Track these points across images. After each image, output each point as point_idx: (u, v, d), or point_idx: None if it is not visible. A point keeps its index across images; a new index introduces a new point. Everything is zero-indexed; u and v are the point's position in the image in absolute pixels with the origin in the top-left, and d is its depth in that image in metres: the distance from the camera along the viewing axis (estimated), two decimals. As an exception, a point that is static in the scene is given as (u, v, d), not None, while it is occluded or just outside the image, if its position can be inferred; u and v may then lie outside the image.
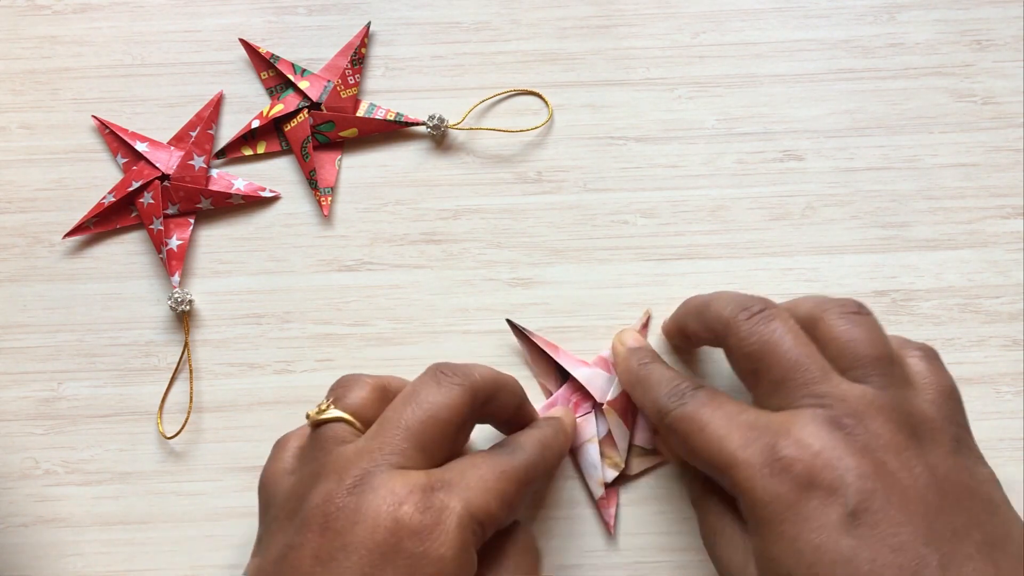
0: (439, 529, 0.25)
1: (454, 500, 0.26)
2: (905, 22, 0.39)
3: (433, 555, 0.25)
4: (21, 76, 0.40)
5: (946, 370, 0.30)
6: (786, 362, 0.28)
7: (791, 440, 0.26)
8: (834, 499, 0.25)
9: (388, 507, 0.25)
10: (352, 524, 0.25)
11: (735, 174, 0.38)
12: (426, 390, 0.28)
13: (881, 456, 0.26)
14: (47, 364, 0.37)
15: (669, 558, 0.35)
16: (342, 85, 0.39)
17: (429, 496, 0.26)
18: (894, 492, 0.26)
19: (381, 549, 0.25)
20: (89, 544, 0.36)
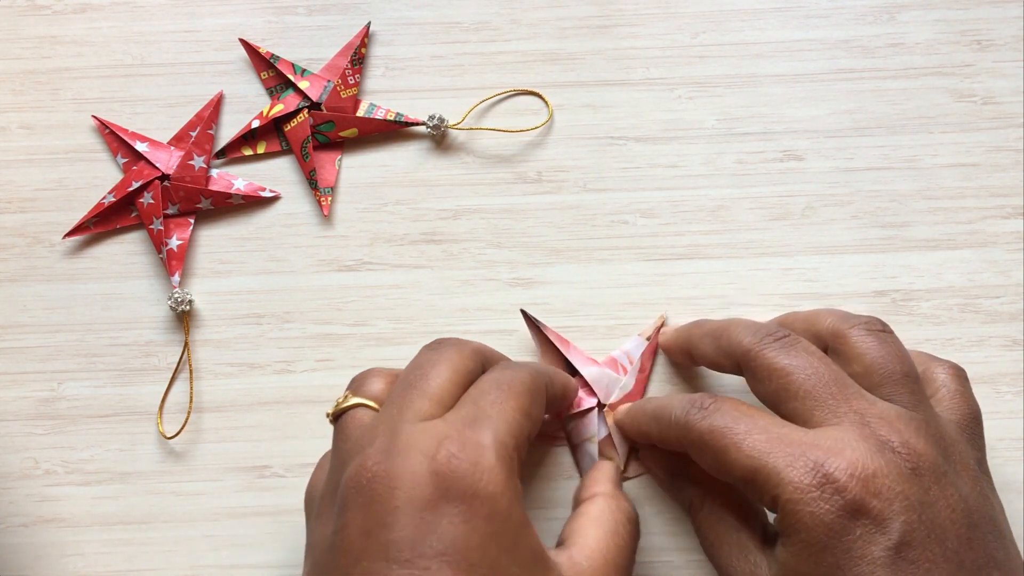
0: (480, 467, 0.24)
1: (483, 434, 0.25)
2: (905, 22, 0.39)
3: (483, 494, 0.24)
4: (21, 76, 0.40)
5: (972, 393, 0.30)
6: (817, 378, 0.28)
7: (844, 460, 0.26)
8: (880, 531, 0.25)
9: (422, 463, 0.24)
10: (391, 490, 0.24)
11: (735, 174, 0.38)
12: (425, 355, 0.29)
13: (927, 482, 0.26)
14: (47, 364, 0.37)
15: (669, 558, 0.35)
16: (342, 85, 0.39)
17: (458, 439, 0.25)
18: (935, 525, 0.25)
19: (429, 505, 0.24)
20: (89, 544, 0.36)
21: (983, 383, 0.36)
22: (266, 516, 0.36)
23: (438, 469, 0.24)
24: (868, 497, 0.25)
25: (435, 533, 0.23)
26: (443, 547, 0.23)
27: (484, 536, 0.24)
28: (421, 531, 0.23)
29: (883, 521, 0.25)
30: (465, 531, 0.23)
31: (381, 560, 0.23)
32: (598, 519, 0.29)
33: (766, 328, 0.30)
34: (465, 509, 0.24)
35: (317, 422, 0.37)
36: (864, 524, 0.25)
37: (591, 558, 0.27)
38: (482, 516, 0.24)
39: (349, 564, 0.24)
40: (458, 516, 0.24)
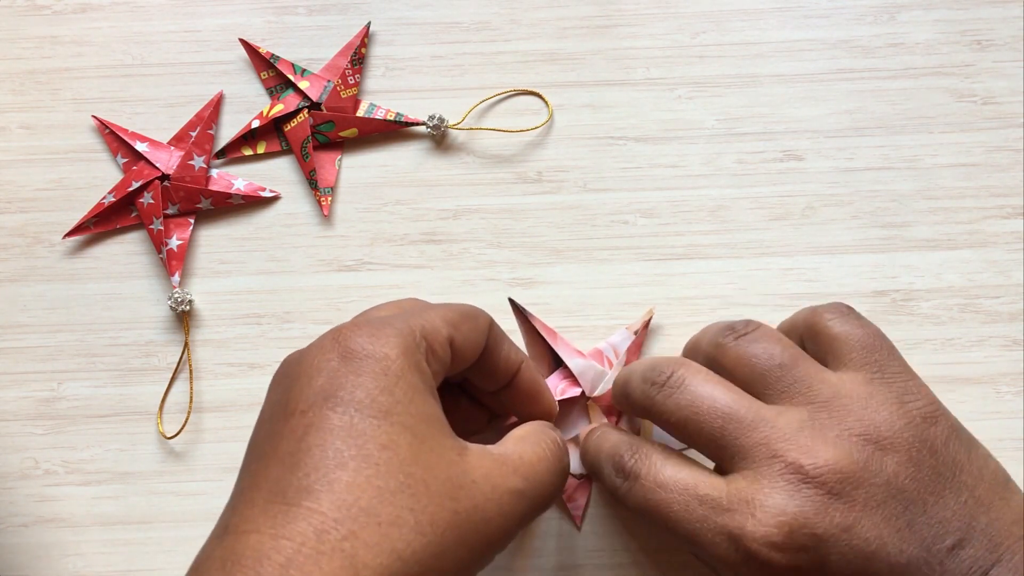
0: (377, 337, 0.26)
1: (395, 320, 0.27)
2: (905, 22, 0.39)
3: (376, 355, 0.25)
4: (21, 76, 0.40)
5: (860, 320, 0.30)
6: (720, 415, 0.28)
7: (757, 523, 0.26)
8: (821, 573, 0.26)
9: (329, 337, 0.26)
10: (298, 363, 0.26)
11: (735, 174, 0.38)
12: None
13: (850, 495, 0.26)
14: (47, 364, 0.37)
15: (669, 558, 0.35)
16: (342, 85, 0.39)
17: (367, 322, 0.27)
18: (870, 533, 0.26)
19: (326, 367, 0.25)
20: (89, 544, 0.36)
21: (983, 383, 0.36)
22: (266, 516, 0.36)
23: (340, 338, 0.26)
24: (794, 556, 0.25)
25: (327, 387, 0.25)
26: (329, 392, 0.25)
27: (374, 387, 0.25)
28: (314, 388, 0.25)
29: (819, 566, 0.25)
30: (353, 381, 0.25)
31: (280, 419, 0.25)
32: (520, 433, 0.29)
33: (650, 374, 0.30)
34: (357, 366, 0.25)
35: (317, 422, 0.37)
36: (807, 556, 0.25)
37: (504, 452, 0.27)
38: (372, 372, 0.25)
39: (258, 433, 0.26)
40: (350, 371, 0.25)
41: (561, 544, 0.35)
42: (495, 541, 0.25)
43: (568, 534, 0.36)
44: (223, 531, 0.24)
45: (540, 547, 0.35)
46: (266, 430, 0.26)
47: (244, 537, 0.23)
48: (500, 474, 0.26)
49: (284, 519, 0.23)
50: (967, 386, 0.36)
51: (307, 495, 0.23)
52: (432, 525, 0.23)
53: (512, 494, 0.26)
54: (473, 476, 0.25)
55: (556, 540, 0.36)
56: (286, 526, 0.22)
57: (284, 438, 0.24)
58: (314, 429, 0.24)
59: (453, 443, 0.26)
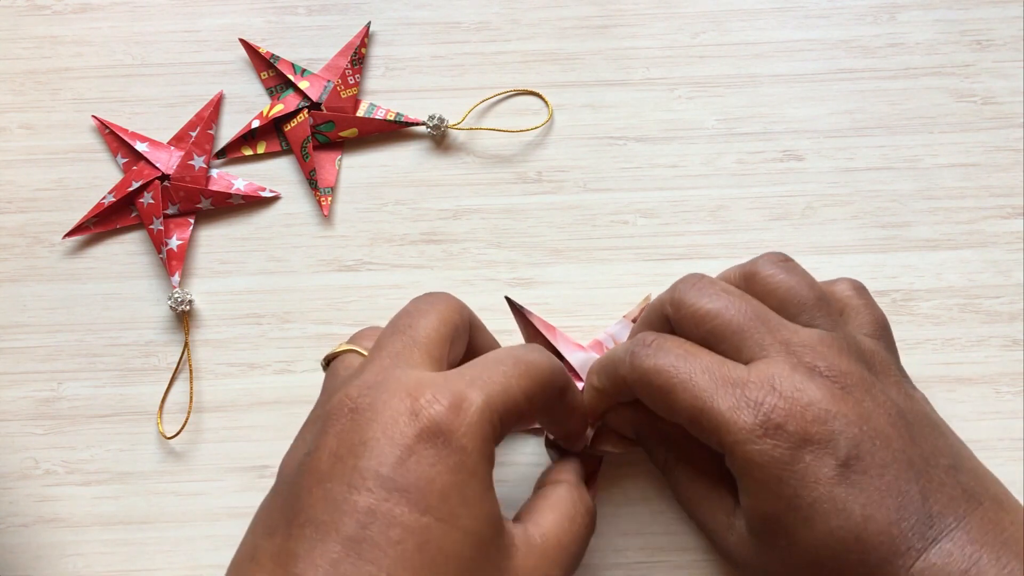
0: (459, 420, 0.24)
1: (475, 393, 0.25)
2: (905, 22, 0.39)
3: (456, 446, 0.24)
4: (21, 76, 0.40)
5: (875, 302, 0.32)
6: (741, 316, 0.29)
7: (778, 396, 0.27)
8: (827, 452, 0.26)
9: (406, 399, 0.24)
10: (370, 421, 0.24)
11: (735, 174, 0.38)
12: (415, 305, 0.29)
13: (859, 396, 0.27)
14: (47, 364, 0.37)
15: (669, 558, 0.35)
16: (342, 85, 0.39)
17: (447, 389, 0.25)
18: (877, 434, 0.26)
19: (401, 441, 0.24)
20: (89, 544, 0.36)
21: (983, 383, 0.36)
22: (266, 516, 0.36)
23: (419, 410, 0.24)
24: (808, 425, 0.26)
25: (401, 469, 0.24)
26: (405, 484, 0.24)
27: (447, 484, 0.24)
28: (388, 464, 0.24)
29: (827, 443, 0.26)
30: (430, 474, 0.24)
31: (344, 484, 0.24)
32: (557, 505, 0.29)
33: (681, 278, 0.31)
34: (435, 454, 0.24)
35: (317, 422, 0.37)
36: (811, 450, 0.26)
37: (545, 536, 0.27)
38: (449, 465, 0.24)
39: (312, 484, 0.24)
40: (427, 459, 0.24)
41: (561, 544, 0.35)
42: None
43: (568, 534, 0.36)
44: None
45: (540, 547, 0.35)
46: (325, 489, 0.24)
47: None
48: (544, 567, 0.26)
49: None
50: (967, 386, 0.36)
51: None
52: None
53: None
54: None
55: (556, 540, 0.36)
56: None
57: (347, 514, 0.23)
58: (380, 518, 0.23)
59: (506, 545, 0.25)
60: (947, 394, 0.36)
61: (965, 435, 0.36)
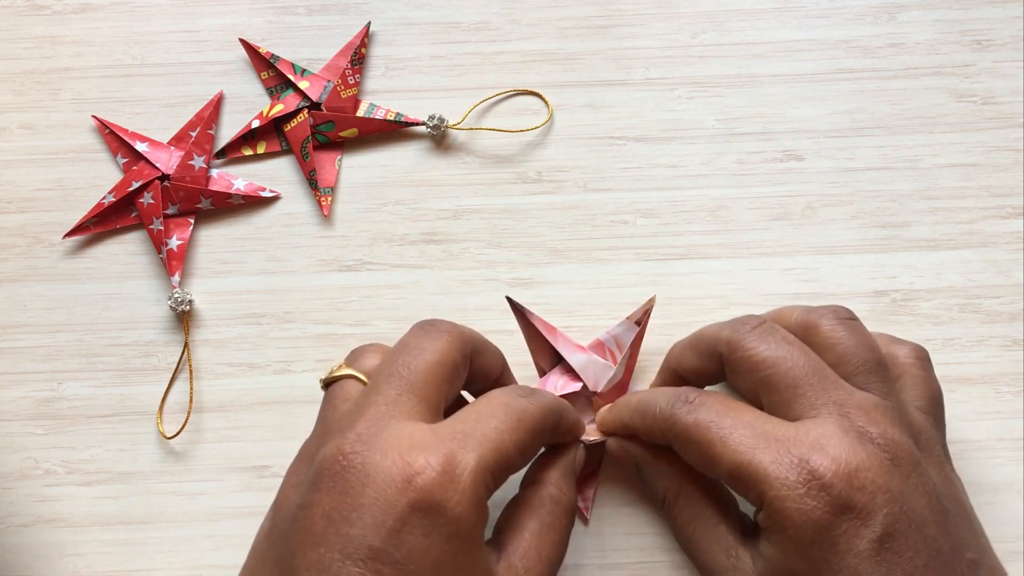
0: (453, 487, 0.24)
1: (468, 455, 0.25)
2: (905, 22, 0.39)
3: (450, 514, 0.24)
4: (21, 76, 0.40)
5: (935, 375, 0.31)
6: (798, 370, 0.28)
7: (827, 456, 0.26)
8: (865, 524, 0.25)
9: (398, 466, 0.24)
10: (363, 485, 0.24)
11: (735, 174, 0.38)
12: (415, 340, 0.28)
13: (906, 472, 0.26)
14: (47, 364, 0.37)
15: (669, 558, 0.35)
16: (342, 85, 0.39)
17: (441, 451, 0.25)
18: (915, 515, 0.26)
19: (395, 510, 0.24)
20: (89, 544, 0.36)
21: (983, 383, 0.36)
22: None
23: (412, 478, 0.24)
24: (853, 492, 0.25)
25: (395, 540, 0.24)
26: (400, 556, 0.24)
27: (442, 553, 0.24)
28: (382, 535, 0.24)
29: (868, 515, 0.25)
30: (425, 545, 0.24)
31: (337, 551, 0.24)
32: (537, 510, 0.29)
33: (742, 319, 0.30)
34: (429, 523, 0.24)
35: (317, 422, 0.37)
36: (850, 519, 0.25)
37: (525, 558, 0.27)
38: (444, 535, 0.24)
39: (306, 545, 0.24)
40: (421, 529, 0.24)
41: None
42: None
43: (568, 534, 0.36)
44: None
45: (540, 547, 0.35)
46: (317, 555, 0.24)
47: None
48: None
49: None
50: (967, 386, 0.36)
51: None
52: None
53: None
54: None
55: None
56: None
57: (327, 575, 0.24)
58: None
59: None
60: (947, 394, 0.36)
61: (965, 435, 0.36)
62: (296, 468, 0.28)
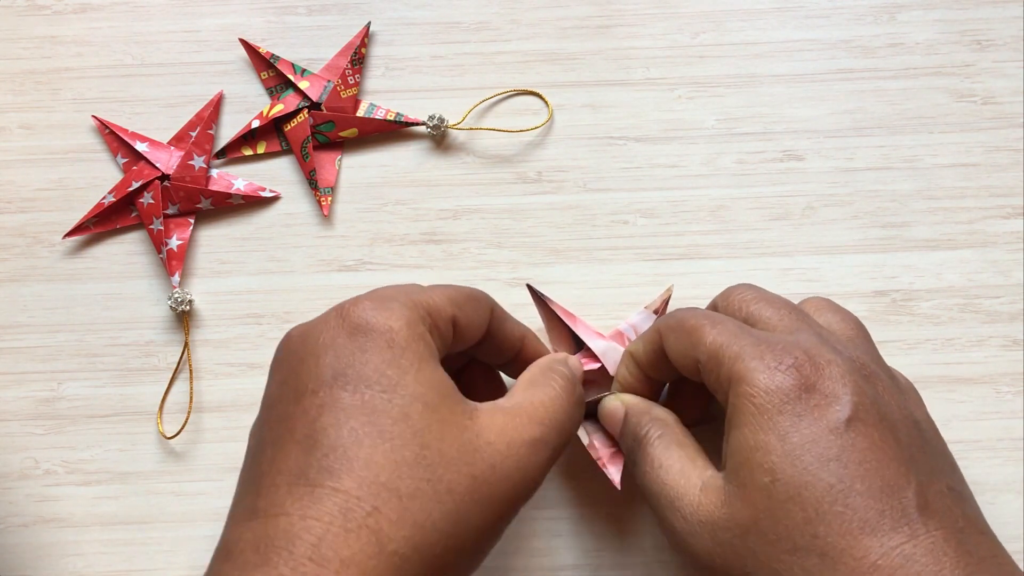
0: (383, 313, 0.26)
1: (399, 294, 0.27)
2: (905, 22, 0.39)
3: (381, 327, 0.26)
4: (21, 76, 0.40)
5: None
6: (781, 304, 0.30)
7: (800, 350, 0.27)
8: (832, 404, 0.26)
9: (333, 314, 0.27)
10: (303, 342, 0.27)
11: (735, 174, 0.38)
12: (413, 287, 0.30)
13: (878, 387, 0.27)
14: (47, 364, 0.37)
15: (671, 558, 0.35)
16: (342, 85, 0.39)
17: (372, 297, 0.27)
18: (885, 416, 0.26)
19: (331, 344, 0.26)
20: (89, 544, 0.36)
21: (983, 383, 0.36)
22: (266, 516, 0.36)
23: (344, 314, 0.26)
24: (823, 378, 0.26)
25: (337, 364, 0.25)
26: (342, 372, 0.25)
27: (380, 361, 0.25)
28: (322, 367, 0.26)
29: (835, 397, 0.26)
30: (363, 358, 0.25)
31: (291, 401, 0.26)
32: (531, 380, 0.30)
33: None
34: (364, 342, 0.26)
35: (317, 422, 0.36)
36: (817, 397, 0.26)
37: (516, 402, 0.28)
38: (379, 345, 0.26)
39: (268, 415, 0.26)
40: (357, 347, 0.26)
41: (561, 544, 0.35)
42: (519, 496, 0.26)
43: (568, 534, 0.36)
44: (250, 514, 0.24)
45: (540, 547, 0.35)
46: (278, 412, 0.26)
47: (274, 520, 0.23)
48: (514, 427, 0.27)
49: (310, 500, 0.23)
50: (967, 386, 0.36)
51: (329, 475, 0.24)
52: (450, 493, 0.24)
53: (529, 445, 0.27)
54: (487, 437, 0.26)
55: (556, 540, 0.36)
56: (312, 507, 0.23)
57: (298, 420, 0.25)
58: (327, 409, 0.25)
59: (464, 407, 0.26)
60: (947, 394, 0.36)
61: (965, 435, 0.36)
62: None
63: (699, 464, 0.29)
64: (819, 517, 0.25)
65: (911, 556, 0.24)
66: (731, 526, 0.26)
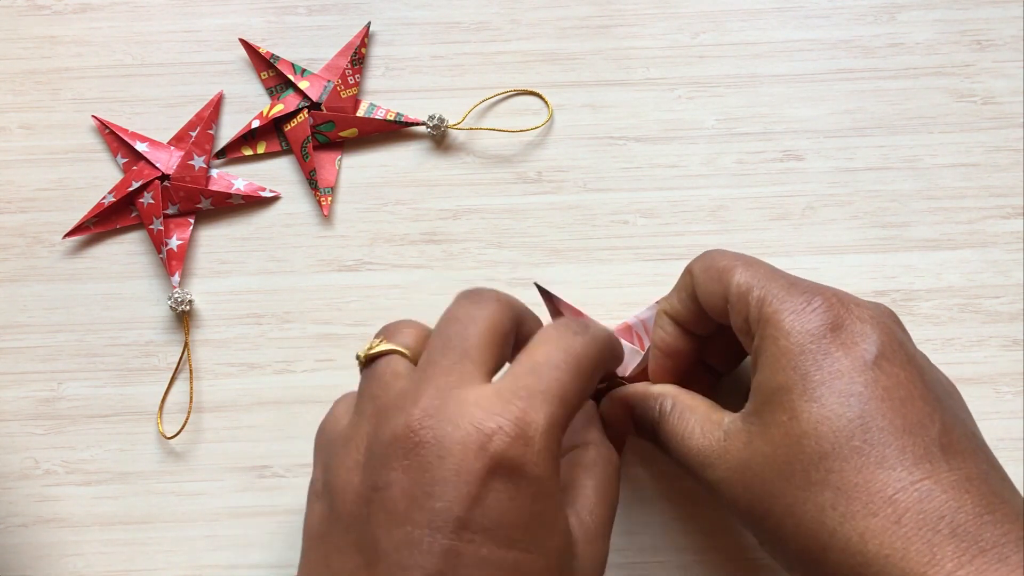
0: (531, 450, 0.24)
1: (537, 414, 0.25)
2: (905, 22, 0.39)
3: (531, 476, 0.24)
4: (21, 76, 0.40)
5: None
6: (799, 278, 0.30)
7: (831, 291, 0.27)
8: (860, 342, 0.26)
9: (472, 436, 0.24)
10: (439, 458, 0.24)
11: (735, 174, 0.38)
12: (464, 310, 0.28)
13: (902, 329, 0.28)
14: (47, 364, 0.37)
15: (669, 558, 0.35)
16: (342, 85, 0.39)
17: (511, 413, 0.24)
18: (912, 359, 0.26)
19: (476, 478, 0.23)
20: (89, 544, 0.36)
21: (983, 383, 0.36)
22: (266, 516, 0.36)
23: (488, 445, 0.24)
24: (850, 317, 0.27)
25: (480, 508, 0.23)
26: (488, 523, 0.23)
27: (526, 516, 0.24)
28: (467, 505, 0.23)
29: (864, 336, 0.26)
30: (510, 508, 0.24)
31: (425, 528, 0.23)
32: (591, 469, 0.29)
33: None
34: (512, 488, 0.24)
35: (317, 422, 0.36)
36: (844, 335, 0.26)
37: (593, 513, 0.27)
38: (528, 496, 0.24)
39: (391, 525, 0.24)
40: (504, 494, 0.24)
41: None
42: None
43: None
44: None
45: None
46: (403, 533, 0.24)
47: None
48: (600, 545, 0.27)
49: None
50: (967, 386, 0.36)
51: None
52: None
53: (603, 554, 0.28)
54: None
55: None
56: None
57: (432, 556, 0.23)
58: (466, 561, 0.23)
59: (573, 538, 0.26)
60: (947, 394, 0.36)
61: (965, 435, 0.36)
62: (345, 450, 0.26)
63: (715, 417, 0.29)
64: (835, 451, 0.25)
65: (930, 491, 0.24)
66: (752, 465, 0.26)
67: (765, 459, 0.26)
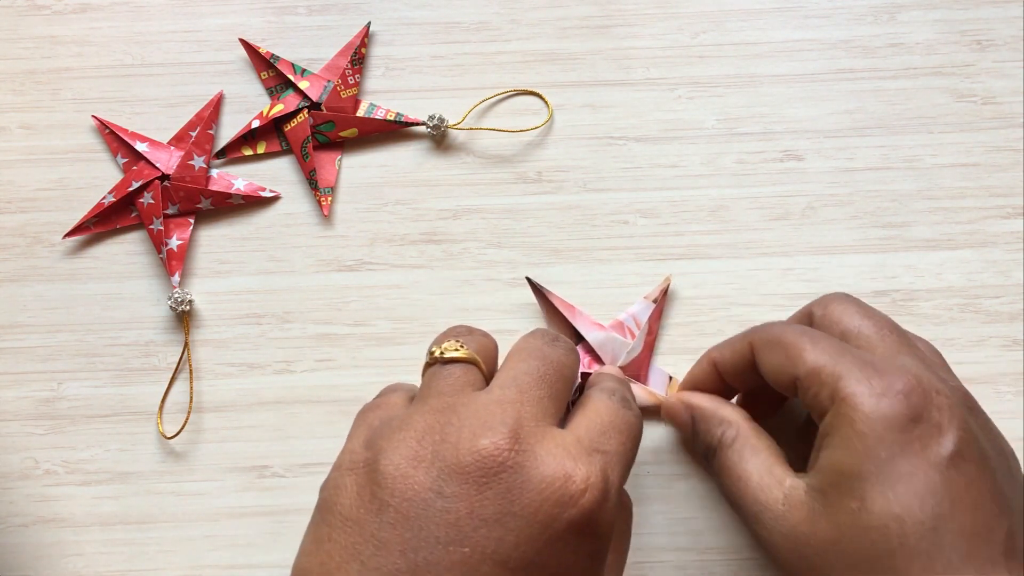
0: (603, 510, 0.24)
1: (615, 473, 0.25)
2: (905, 22, 0.39)
3: (599, 533, 0.24)
4: (21, 76, 0.40)
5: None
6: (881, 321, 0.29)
7: (909, 375, 0.26)
8: (938, 437, 0.25)
9: (560, 477, 0.24)
10: (520, 490, 0.23)
11: (735, 174, 0.38)
12: (547, 349, 0.28)
13: (980, 419, 0.27)
14: (47, 364, 0.37)
15: (669, 558, 0.35)
16: (342, 85, 0.39)
17: (596, 468, 0.25)
18: (984, 454, 0.26)
19: (554, 525, 0.23)
20: (89, 544, 0.36)
21: (983, 383, 0.36)
22: (266, 516, 0.36)
23: (572, 497, 0.24)
24: (930, 407, 0.26)
25: (548, 553, 0.23)
26: (546, 567, 0.24)
27: (583, 570, 0.24)
28: (537, 546, 0.23)
29: (942, 430, 0.25)
30: (572, 561, 0.24)
31: (488, 556, 0.23)
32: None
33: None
34: (581, 542, 0.24)
35: (317, 422, 0.37)
36: (923, 428, 0.25)
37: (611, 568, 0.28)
38: (589, 552, 0.24)
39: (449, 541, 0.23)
40: (573, 546, 0.24)
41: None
42: None
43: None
44: None
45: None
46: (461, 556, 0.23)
47: None
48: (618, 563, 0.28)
49: None
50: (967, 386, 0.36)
51: None
52: None
53: None
54: None
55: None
56: None
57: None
58: None
59: None
60: (947, 394, 0.36)
61: (965, 435, 0.36)
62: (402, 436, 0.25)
63: (777, 473, 0.28)
64: (903, 550, 0.25)
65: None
66: (813, 543, 0.26)
67: (828, 542, 0.26)
